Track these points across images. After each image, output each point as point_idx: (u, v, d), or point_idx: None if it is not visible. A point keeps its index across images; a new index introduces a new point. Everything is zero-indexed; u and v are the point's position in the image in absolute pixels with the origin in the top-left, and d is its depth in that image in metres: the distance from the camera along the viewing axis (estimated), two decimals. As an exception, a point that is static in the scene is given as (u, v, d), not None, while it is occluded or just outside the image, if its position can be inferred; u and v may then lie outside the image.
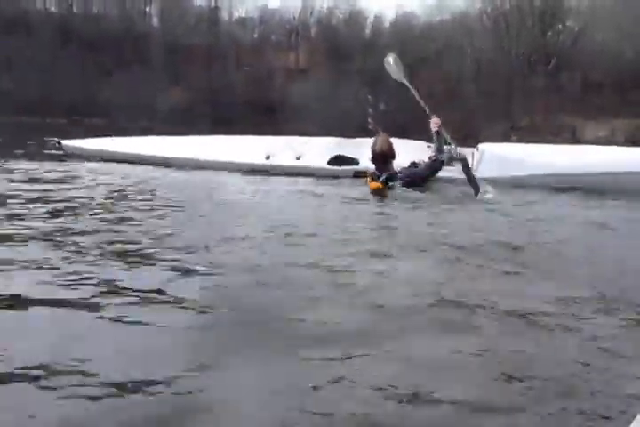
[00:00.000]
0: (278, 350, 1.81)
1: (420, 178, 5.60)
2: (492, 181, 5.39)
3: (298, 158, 6.47)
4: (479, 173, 5.69)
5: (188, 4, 40.95)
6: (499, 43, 36.60)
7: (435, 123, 5.74)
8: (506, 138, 24.18)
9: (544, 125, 32.08)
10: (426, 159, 5.81)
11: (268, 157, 6.59)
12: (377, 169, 5.70)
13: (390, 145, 5.74)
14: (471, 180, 5.36)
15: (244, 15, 42.41)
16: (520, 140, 6.81)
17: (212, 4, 41.16)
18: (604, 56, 33.76)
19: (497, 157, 5.72)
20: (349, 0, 40.82)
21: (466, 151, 6.03)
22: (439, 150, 5.67)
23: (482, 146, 5.90)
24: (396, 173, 5.62)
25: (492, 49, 36.54)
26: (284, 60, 40.62)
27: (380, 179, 5.49)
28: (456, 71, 36.43)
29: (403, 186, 5.54)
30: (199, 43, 37.36)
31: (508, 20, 36.78)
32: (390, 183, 5.55)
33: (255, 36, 42.66)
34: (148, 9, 40.92)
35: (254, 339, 1.87)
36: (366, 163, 6.08)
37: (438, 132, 5.66)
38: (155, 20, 40.77)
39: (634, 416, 1.09)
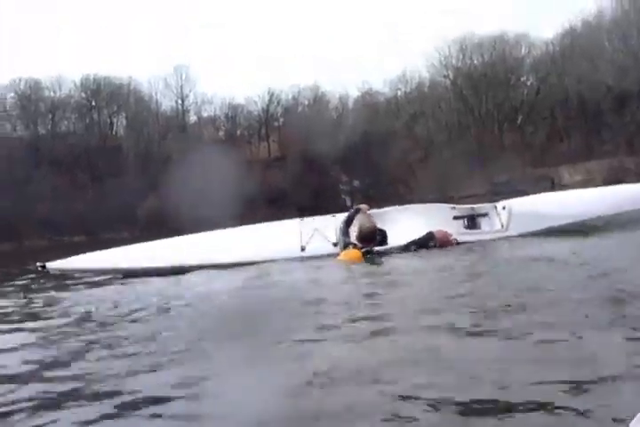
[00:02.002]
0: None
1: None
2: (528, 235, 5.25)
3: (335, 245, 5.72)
4: (512, 231, 5.40)
5: (154, 110, 41.62)
6: (465, 105, 37.51)
7: None
8: (489, 194, 23.97)
9: (523, 178, 32.22)
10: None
11: (303, 249, 5.80)
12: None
13: (374, 223, 5.49)
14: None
15: (211, 114, 43.19)
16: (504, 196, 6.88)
17: (180, 109, 42.02)
18: (567, 102, 34.78)
19: (526, 212, 5.37)
20: (312, 87, 42.06)
21: (487, 207, 5.76)
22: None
23: (505, 203, 5.55)
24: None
25: (461, 112, 37.41)
26: (256, 151, 41.06)
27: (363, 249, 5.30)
28: (427, 137, 36.98)
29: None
30: (170, 148, 37.70)
31: (475, 84, 37.79)
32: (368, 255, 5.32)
33: (221, 133, 43.18)
34: (115, 120, 41.50)
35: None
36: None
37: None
38: (122, 131, 41.22)
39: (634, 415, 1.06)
